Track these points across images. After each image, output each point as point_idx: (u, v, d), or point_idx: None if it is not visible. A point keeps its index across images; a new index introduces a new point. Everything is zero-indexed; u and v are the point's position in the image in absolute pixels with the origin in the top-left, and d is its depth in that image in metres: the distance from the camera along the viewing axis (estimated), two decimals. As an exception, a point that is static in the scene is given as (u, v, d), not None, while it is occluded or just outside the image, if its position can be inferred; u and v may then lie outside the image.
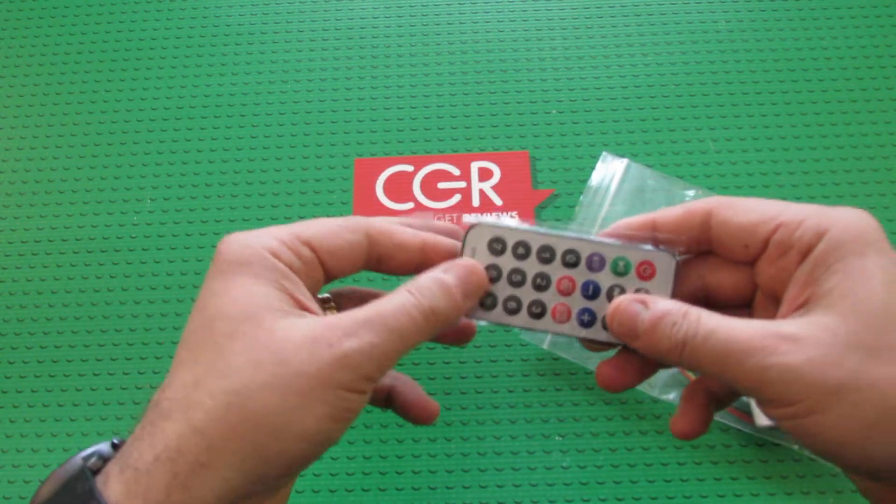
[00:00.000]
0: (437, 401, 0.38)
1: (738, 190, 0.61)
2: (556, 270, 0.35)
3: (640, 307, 0.32)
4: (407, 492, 0.52)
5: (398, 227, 0.35)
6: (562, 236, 0.35)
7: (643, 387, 0.54)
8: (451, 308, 0.32)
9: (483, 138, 0.65)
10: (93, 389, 0.56)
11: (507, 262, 0.35)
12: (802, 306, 0.30)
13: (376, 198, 0.62)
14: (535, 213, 0.61)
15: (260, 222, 0.62)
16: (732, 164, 0.62)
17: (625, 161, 0.61)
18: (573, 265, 0.35)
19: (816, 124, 0.64)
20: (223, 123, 0.67)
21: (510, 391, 0.55)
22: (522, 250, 0.35)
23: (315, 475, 0.53)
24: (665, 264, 0.34)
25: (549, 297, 0.35)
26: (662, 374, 0.54)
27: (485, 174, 0.63)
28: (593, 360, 0.55)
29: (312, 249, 0.33)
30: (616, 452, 0.53)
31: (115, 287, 0.60)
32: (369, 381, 0.30)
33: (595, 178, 0.61)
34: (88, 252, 0.62)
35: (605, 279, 0.35)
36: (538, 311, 0.35)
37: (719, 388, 0.35)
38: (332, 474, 0.53)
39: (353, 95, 0.67)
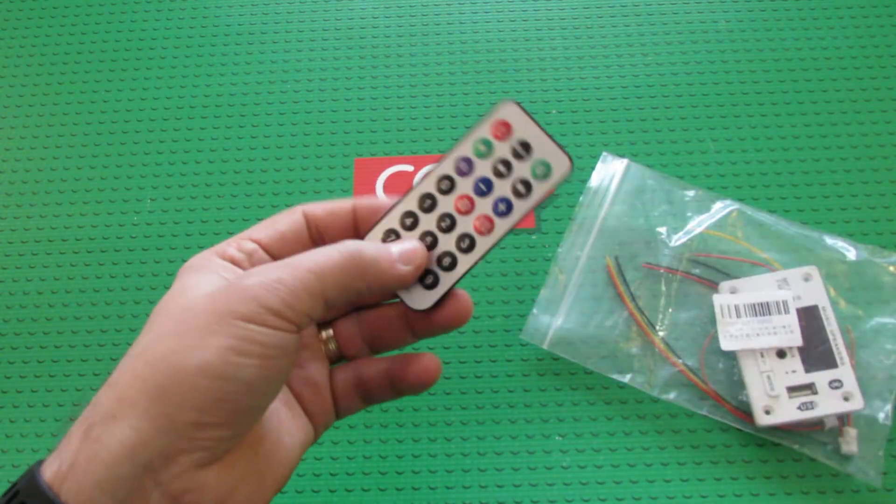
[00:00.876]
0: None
1: (738, 190, 0.61)
2: (444, 204, 0.35)
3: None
4: (407, 492, 0.52)
5: (331, 200, 0.37)
6: (419, 182, 0.35)
7: (643, 387, 0.54)
8: (382, 256, 0.33)
9: (483, 138, 0.65)
10: (93, 389, 0.56)
11: (411, 234, 0.36)
12: None
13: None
14: (535, 213, 0.61)
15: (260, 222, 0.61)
16: (732, 164, 0.63)
17: (625, 161, 0.61)
18: (450, 188, 0.35)
19: (816, 124, 0.64)
20: (223, 123, 0.67)
21: (510, 391, 0.55)
22: (410, 220, 0.35)
23: (315, 475, 0.53)
24: (511, 113, 0.34)
25: (463, 225, 0.35)
26: (662, 374, 0.54)
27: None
28: (593, 361, 0.55)
29: (253, 241, 0.35)
30: (616, 452, 0.53)
31: (115, 287, 0.60)
32: (276, 316, 0.29)
33: (595, 178, 0.61)
34: (88, 252, 0.62)
35: (483, 169, 0.34)
36: (466, 245, 0.35)
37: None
38: (331, 474, 0.53)
39: (353, 95, 0.67)
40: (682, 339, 0.55)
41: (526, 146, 0.34)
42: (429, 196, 0.35)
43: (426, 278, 0.35)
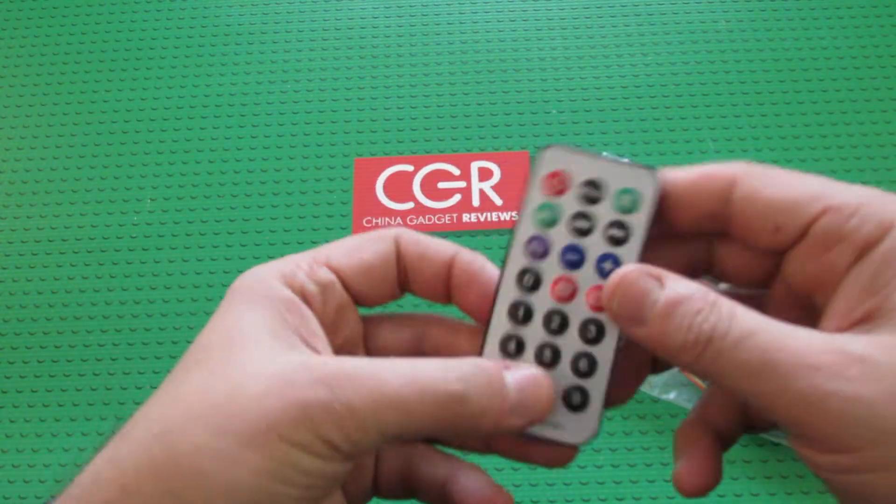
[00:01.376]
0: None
1: (738, 190, 0.61)
2: (540, 302, 0.27)
3: (654, 283, 0.24)
4: (407, 492, 0.52)
5: (428, 237, 0.29)
6: (498, 292, 0.28)
7: (643, 386, 0.54)
8: (494, 406, 0.25)
9: (483, 138, 0.65)
10: (93, 389, 0.56)
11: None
12: (863, 322, 0.23)
13: (376, 198, 0.62)
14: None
15: (260, 222, 0.62)
16: (732, 164, 0.63)
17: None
18: (536, 281, 0.28)
19: (816, 124, 0.64)
20: (223, 123, 0.67)
21: (510, 391, 0.55)
22: (512, 344, 0.27)
23: None
24: (555, 159, 0.28)
25: (577, 312, 0.27)
26: (662, 374, 0.54)
27: (485, 174, 0.63)
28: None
29: (332, 269, 0.27)
30: (616, 452, 0.53)
31: (115, 287, 0.60)
32: (333, 450, 0.23)
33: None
34: (88, 252, 0.62)
35: (559, 237, 0.27)
36: (593, 333, 0.27)
37: (727, 424, 0.28)
38: None
39: (353, 95, 0.67)
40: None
41: (594, 185, 0.27)
42: (516, 305, 0.27)
43: (569, 398, 0.27)
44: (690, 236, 0.28)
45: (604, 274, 0.27)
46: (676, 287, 0.24)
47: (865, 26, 0.69)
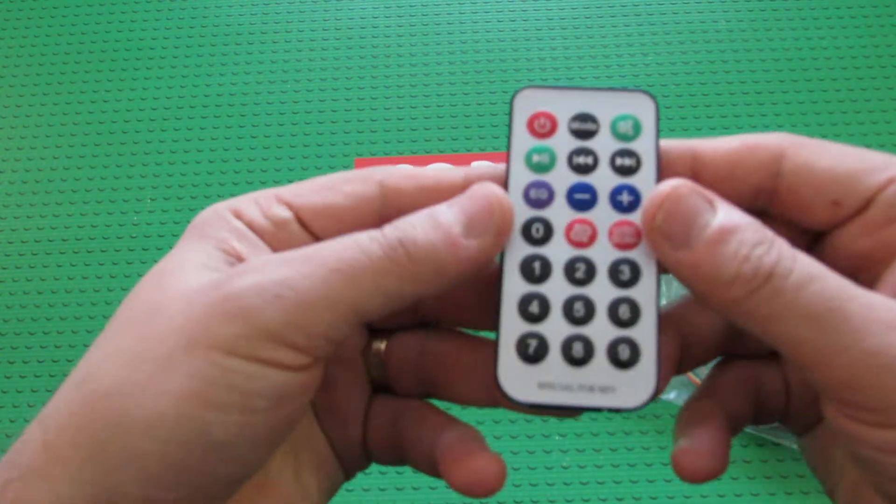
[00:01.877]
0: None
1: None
2: (557, 252, 0.24)
3: (705, 204, 0.21)
4: (407, 491, 0.52)
5: (430, 167, 0.25)
6: (506, 252, 0.24)
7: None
8: (440, 241, 0.21)
9: (483, 138, 0.65)
10: (93, 389, 0.56)
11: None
12: None
13: (376, 198, 0.62)
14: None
15: (260, 222, 0.62)
16: (732, 164, 0.63)
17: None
18: (546, 230, 0.24)
19: (816, 124, 0.64)
20: (223, 123, 0.67)
21: (510, 391, 0.55)
22: (534, 306, 0.23)
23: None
24: (537, 99, 0.25)
25: (602, 255, 0.24)
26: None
27: (485, 174, 0.63)
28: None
29: (291, 208, 0.24)
30: (616, 452, 0.53)
31: (115, 287, 0.60)
32: (275, 343, 0.20)
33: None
34: (88, 252, 0.62)
35: (561, 178, 0.24)
36: (627, 275, 0.23)
37: (741, 405, 0.26)
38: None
39: (353, 95, 0.67)
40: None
41: (585, 118, 0.24)
42: (528, 261, 0.23)
43: (616, 353, 0.22)
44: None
45: (622, 208, 0.23)
46: (732, 214, 0.21)
47: (865, 26, 0.69)
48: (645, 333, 0.23)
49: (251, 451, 0.21)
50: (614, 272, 0.23)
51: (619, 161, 0.24)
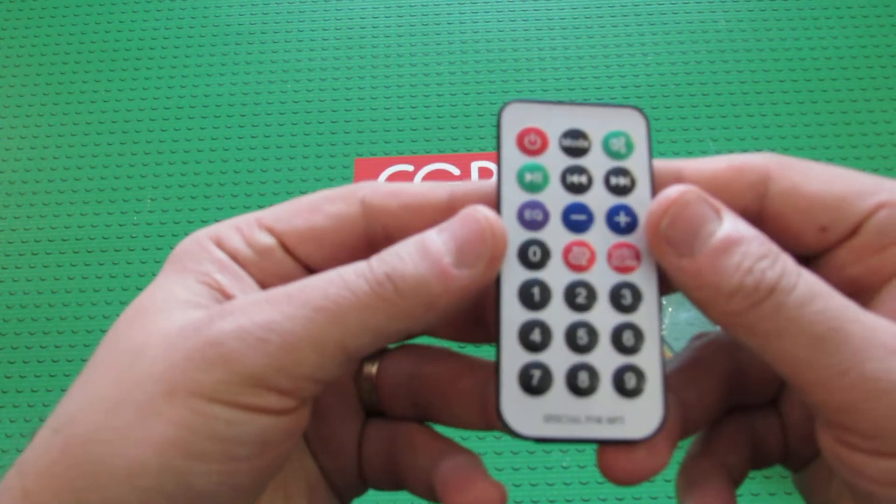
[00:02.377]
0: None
1: (738, 190, 0.62)
2: (555, 276, 0.23)
3: (712, 212, 0.21)
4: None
5: (414, 185, 0.24)
6: (501, 277, 0.23)
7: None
8: (430, 273, 0.20)
9: (483, 138, 0.65)
10: (93, 389, 0.56)
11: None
12: None
13: (376, 198, 0.63)
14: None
15: (260, 222, 0.62)
16: (732, 164, 0.63)
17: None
18: (543, 253, 0.23)
19: (816, 124, 0.64)
20: (223, 123, 0.67)
21: (510, 391, 0.55)
22: (536, 335, 0.22)
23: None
24: (524, 115, 0.24)
25: (601, 278, 0.23)
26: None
27: (485, 174, 0.63)
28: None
29: (274, 234, 0.23)
30: (616, 452, 0.53)
31: (116, 287, 0.60)
32: (258, 388, 0.19)
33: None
34: (88, 252, 0.62)
35: (555, 198, 0.23)
36: (628, 299, 0.23)
37: (738, 458, 0.25)
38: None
39: (353, 95, 0.67)
40: (682, 339, 0.55)
41: (576, 134, 0.24)
42: (527, 286, 0.22)
43: (622, 382, 0.22)
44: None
45: (620, 229, 0.23)
46: (738, 225, 0.20)
47: (865, 26, 0.69)
48: (649, 360, 0.22)
49: (234, 499, 0.20)
50: (615, 297, 0.22)
51: (613, 180, 0.23)
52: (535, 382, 0.21)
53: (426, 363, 0.25)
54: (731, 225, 0.20)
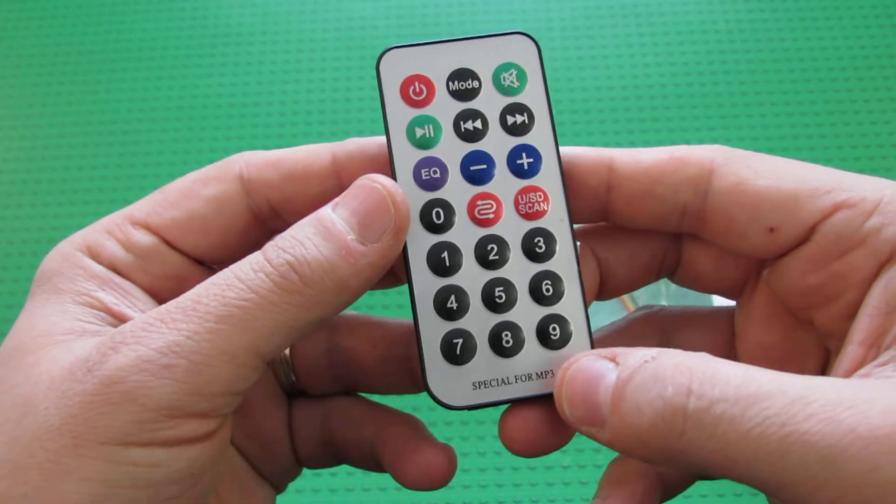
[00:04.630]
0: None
1: (738, 190, 0.61)
2: (461, 235, 0.21)
3: (607, 366, 0.18)
4: (406, 491, 0.52)
5: (294, 150, 0.23)
6: (406, 245, 0.22)
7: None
8: (335, 255, 0.19)
9: (483, 138, 0.65)
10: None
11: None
12: (891, 351, 0.18)
13: (376, 198, 0.62)
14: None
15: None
16: (732, 164, 0.63)
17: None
18: (446, 213, 0.21)
19: (816, 124, 0.64)
20: (223, 123, 0.67)
21: (510, 391, 0.55)
22: (449, 300, 0.21)
23: (315, 475, 0.53)
24: (405, 62, 0.22)
25: (511, 228, 0.22)
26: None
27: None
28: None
29: (151, 231, 0.22)
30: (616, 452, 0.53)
31: (116, 287, 0.60)
32: (176, 419, 0.17)
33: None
34: (89, 252, 0.62)
35: (452, 149, 0.22)
36: (541, 246, 0.21)
37: (676, 475, 0.23)
38: (331, 474, 0.53)
39: (353, 96, 0.67)
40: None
41: (464, 74, 0.22)
42: (435, 252, 0.21)
43: (546, 335, 0.21)
44: (651, 232, 0.23)
45: (523, 172, 0.21)
46: (628, 360, 0.18)
47: (865, 26, 0.69)
48: (572, 305, 0.21)
49: None
50: (528, 247, 0.21)
51: (509, 119, 0.21)
52: (458, 352, 0.21)
53: (341, 336, 0.24)
54: (623, 364, 0.18)
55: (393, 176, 0.21)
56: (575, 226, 0.21)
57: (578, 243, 0.21)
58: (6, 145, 0.67)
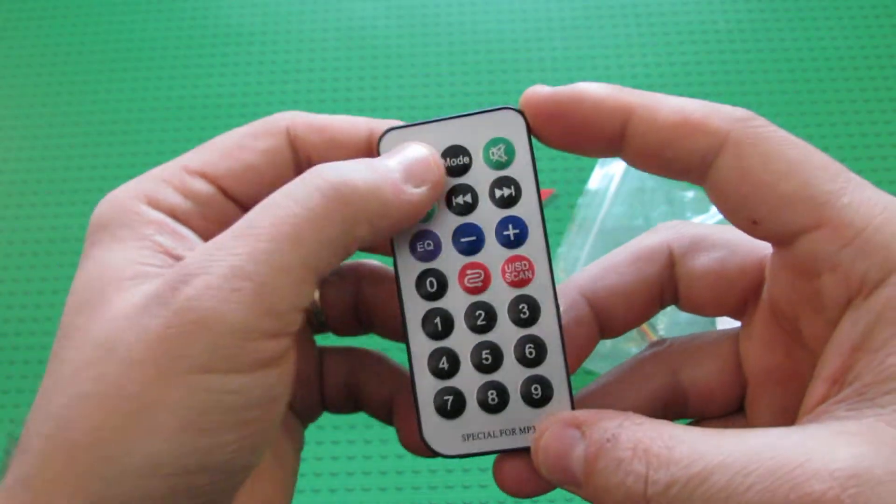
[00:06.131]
0: None
1: (738, 190, 0.61)
2: (454, 302, 0.23)
3: (575, 435, 0.20)
4: (407, 491, 0.52)
5: (336, 118, 0.24)
6: (406, 315, 0.24)
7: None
8: (381, 181, 0.20)
9: (483, 138, 0.65)
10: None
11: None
12: (855, 393, 0.18)
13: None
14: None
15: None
16: (732, 165, 0.63)
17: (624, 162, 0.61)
18: (440, 282, 0.23)
19: (816, 125, 0.64)
20: (223, 124, 0.67)
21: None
22: (442, 363, 0.24)
23: (315, 475, 0.53)
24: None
25: (499, 296, 0.24)
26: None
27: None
28: (593, 360, 0.55)
29: (208, 180, 0.23)
30: (616, 452, 0.53)
31: (116, 287, 0.60)
32: (251, 341, 0.18)
33: (594, 179, 0.61)
34: (89, 252, 0.62)
35: (445, 224, 0.23)
36: (526, 313, 0.23)
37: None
38: (332, 474, 0.53)
39: (353, 96, 0.67)
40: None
41: (456, 151, 0.23)
42: (428, 318, 0.23)
43: (529, 394, 0.23)
44: (643, 266, 0.24)
45: (510, 242, 0.23)
46: (593, 435, 0.19)
47: (865, 26, 0.69)
48: (553, 367, 0.23)
49: (251, 460, 0.20)
50: (514, 312, 0.23)
51: (497, 192, 0.23)
52: (449, 407, 0.23)
53: (365, 284, 0.26)
54: (589, 439, 0.19)
55: (392, 248, 0.23)
56: (565, 278, 0.23)
57: (562, 308, 0.23)
58: (6, 145, 0.67)
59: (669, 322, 0.55)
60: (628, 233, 0.58)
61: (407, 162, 0.21)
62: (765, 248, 0.22)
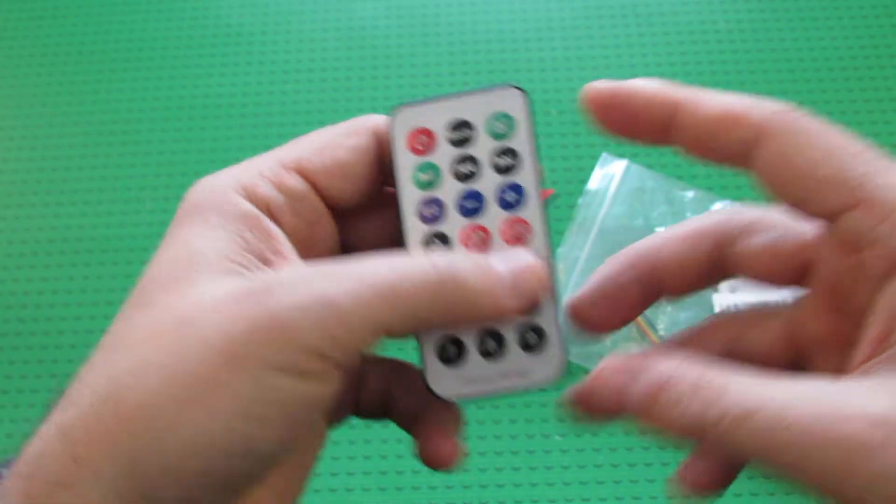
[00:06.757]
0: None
1: (738, 191, 0.61)
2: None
3: (639, 367, 0.22)
4: (407, 491, 0.52)
5: None
6: None
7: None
8: (489, 285, 0.22)
9: (483, 138, 0.65)
10: (93, 389, 0.56)
11: None
12: (891, 350, 0.20)
13: (376, 198, 0.63)
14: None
15: (260, 222, 0.62)
16: (732, 165, 0.63)
17: (624, 162, 0.61)
18: (441, 242, 0.25)
19: (816, 124, 0.64)
20: (223, 124, 0.67)
21: (510, 391, 0.55)
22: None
23: (315, 475, 0.53)
24: (411, 117, 0.26)
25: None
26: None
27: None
28: (594, 360, 0.55)
29: (304, 175, 0.24)
30: (616, 452, 0.53)
31: (116, 287, 0.60)
32: (321, 359, 0.20)
33: (594, 179, 0.61)
34: (89, 252, 0.62)
35: (449, 190, 0.25)
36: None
37: None
38: (332, 474, 0.53)
39: (353, 96, 0.67)
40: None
41: (460, 125, 0.26)
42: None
43: (526, 339, 0.25)
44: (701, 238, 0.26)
45: (509, 205, 0.25)
46: (657, 367, 0.21)
47: (865, 26, 0.69)
48: (548, 318, 0.25)
49: (285, 452, 0.21)
50: None
51: (498, 161, 0.25)
52: (450, 355, 0.25)
53: (394, 376, 0.28)
54: (646, 376, 0.21)
55: (400, 212, 0.25)
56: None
57: (560, 265, 0.24)
58: (6, 145, 0.67)
59: (669, 322, 0.55)
60: (628, 233, 0.58)
61: (519, 273, 0.23)
62: (814, 227, 0.24)
